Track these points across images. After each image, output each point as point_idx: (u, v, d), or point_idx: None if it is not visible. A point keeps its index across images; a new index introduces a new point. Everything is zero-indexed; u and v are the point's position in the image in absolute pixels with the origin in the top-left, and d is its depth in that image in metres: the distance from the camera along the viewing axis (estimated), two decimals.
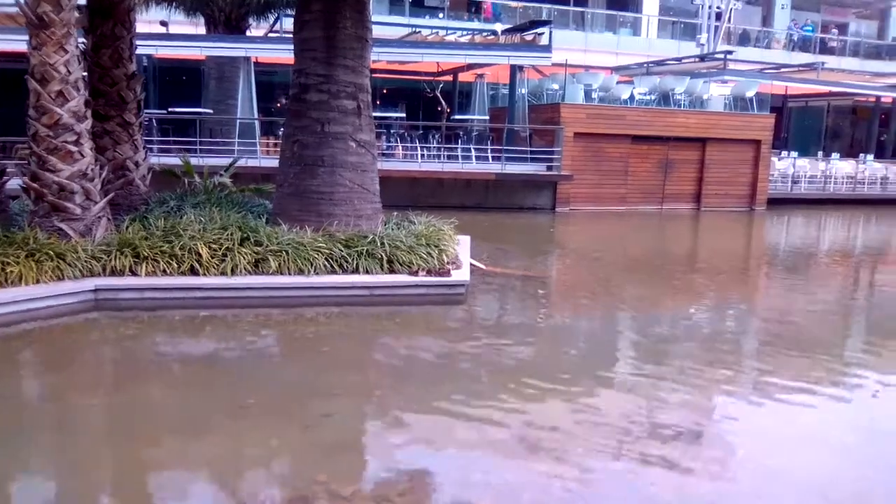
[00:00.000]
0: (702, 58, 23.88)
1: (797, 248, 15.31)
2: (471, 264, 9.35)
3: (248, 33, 18.74)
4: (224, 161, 12.64)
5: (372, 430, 4.83)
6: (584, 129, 17.89)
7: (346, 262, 8.09)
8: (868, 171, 23.58)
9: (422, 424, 4.78)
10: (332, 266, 8.02)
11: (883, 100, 25.71)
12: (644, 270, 11.20)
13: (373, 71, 17.24)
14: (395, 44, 18.74)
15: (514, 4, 26.47)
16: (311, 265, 7.90)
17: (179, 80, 21.31)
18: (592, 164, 18.10)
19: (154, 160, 11.40)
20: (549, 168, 17.68)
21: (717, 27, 25.26)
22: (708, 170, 19.53)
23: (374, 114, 10.28)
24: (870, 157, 24.12)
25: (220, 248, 7.83)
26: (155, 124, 16.77)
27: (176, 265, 7.66)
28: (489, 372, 5.93)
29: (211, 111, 17.35)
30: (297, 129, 8.98)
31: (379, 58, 17.45)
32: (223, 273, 7.70)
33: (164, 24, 20.01)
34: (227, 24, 17.72)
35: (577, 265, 11.84)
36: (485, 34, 21.32)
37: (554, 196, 17.83)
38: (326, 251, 8.06)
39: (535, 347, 6.78)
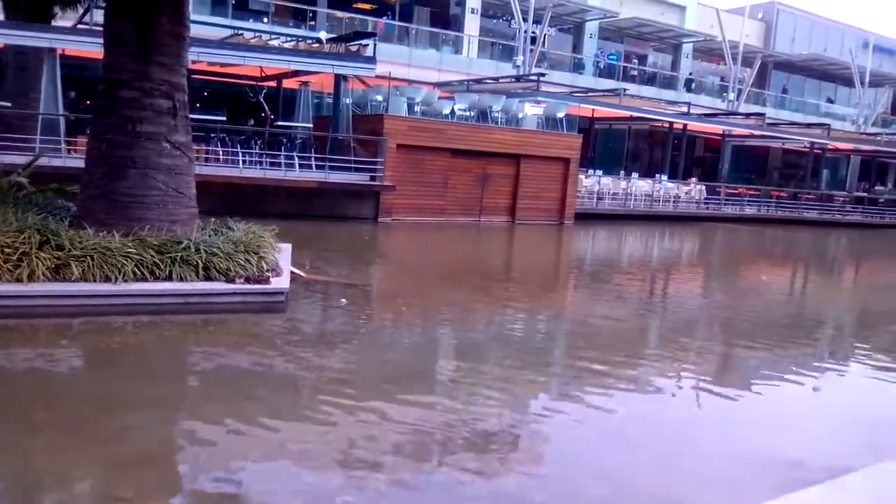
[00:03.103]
0: (517, 78, 25.19)
1: (600, 259, 16.58)
2: (291, 272, 9.31)
3: (54, 23, 17.43)
4: (23, 159, 11.69)
5: (176, 443, 4.70)
6: (406, 141, 18.31)
7: (159, 268, 7.79)
8: (663, 190, 26.00)
9: (230, 435, 4.71)
10: (142, 273, 7.68)
11: (675, 126, 28.41)
12: (460, 279, 11.67)
13: (192, 72, 16.70)
14: (216, 45, 18.18)
15: (339, 15, 26.55)
16: (120, 272, 7.53)
17: None
18: (414, 175, 18.55)
19: None
20: (372, 178, 17.91)
21: (531, 51, 26.74)
22: (522, 185, 20.61)
23: (193, 116, 9.98)
24: (664, 177, 26.59)
25: (15, 253, 7.27)
26: None
27: None
28: (305, 381, 5.96)
29: (9, 104, 15.94)
30: (107, 127, 8.54)
31: (199, 58, 16.92)
32: (18, 280, 7.15)
33: None
34: (30, 12, 16.37)
35: (398, 274, 12.13)
36: (309, 41, 21.22)
37: (377, 206, 18.08)
38: (137, 257, 7.72)
39: (352, 355, 6.90)
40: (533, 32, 26.86)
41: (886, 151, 37.86)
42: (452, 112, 20.38)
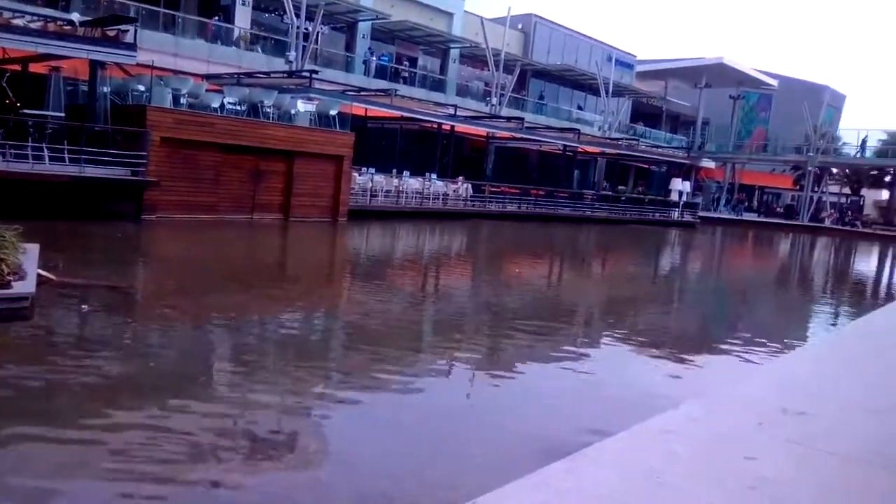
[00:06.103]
0: (290, 74, 25.00)
1: (374, 256, 17.04)
2: (39, 275, 8.63)
3: None
4: None
5: None
6: (172, 134, 17.52)
7: None
8: (432, 188, 27.15)
9: None
10: None
11: (444, 127, 29.74)
12: (230, 280, 11.46)
13: None
14: None
15: None
16: None
17: None
18: (181, 171, 17.79)
19: None
20: (135, 173, 16.93)
21: (304, 47, 26.62)
22: (295, 182, 20.52)
23: None
24: (434, 176, 27.77)
25: None
26: None
27: None
28: (51, 394, 5.55)
29: None
30: None
31: None
32: None
33: None
34: None
35: (162, 275, 11.65)
36: (60, 23, 19.51)
37: (139, 203, 17.12)
38: None
39: (110, 364, 6.54)
40: (306, 29, 26.74)
41: (627, 154, 42.49)
42: (222, 105, 19.81)
